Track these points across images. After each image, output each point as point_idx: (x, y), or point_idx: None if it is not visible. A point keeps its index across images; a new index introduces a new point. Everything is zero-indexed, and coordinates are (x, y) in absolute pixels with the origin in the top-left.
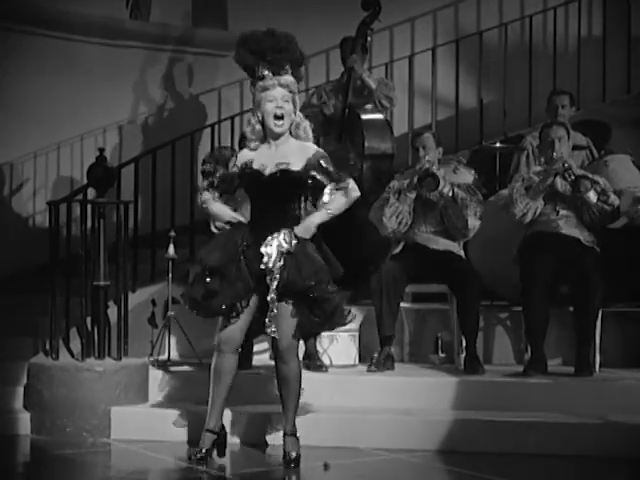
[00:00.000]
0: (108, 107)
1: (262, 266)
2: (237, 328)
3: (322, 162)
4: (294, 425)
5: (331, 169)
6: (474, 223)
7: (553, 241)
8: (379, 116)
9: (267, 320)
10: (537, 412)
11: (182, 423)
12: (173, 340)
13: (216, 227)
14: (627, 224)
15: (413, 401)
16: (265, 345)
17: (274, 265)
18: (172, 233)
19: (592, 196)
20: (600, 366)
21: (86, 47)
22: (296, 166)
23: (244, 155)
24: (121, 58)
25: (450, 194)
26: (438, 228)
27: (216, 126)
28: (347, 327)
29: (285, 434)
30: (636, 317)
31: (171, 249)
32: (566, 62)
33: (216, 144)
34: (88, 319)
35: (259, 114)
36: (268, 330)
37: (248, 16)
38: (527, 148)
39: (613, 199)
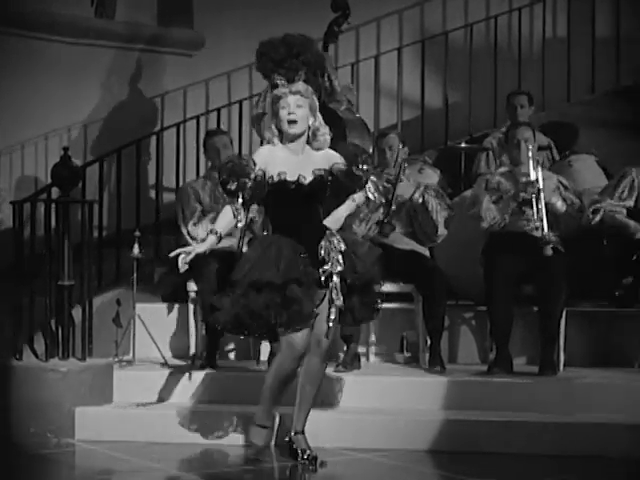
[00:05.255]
0: (73, 106)
1: (330, 270)
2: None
3: (353, 167)
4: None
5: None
6: (443, 232)
7: (517, 241)
8: (357, 116)
9: (332, 321)
10: (501, 411)
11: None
12: (138, 340)
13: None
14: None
15: (378, 400)
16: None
17: (337, 266)
18: (137, 233)
19: (560, 206)
20: (564, 365)
21: (51, 45)
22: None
23: (268, 158)
24: (86, 57)
25: (420, 200)
26: (405, 229)
27: (181, 125)
28: None
29: (297, 432)
30: (600, 317)
31: (136, 249)
32: (531, 63)
33: (181, 143)
34: (52, 319)
35: (275, 122)
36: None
37: (215, 16)
38: (488, 148)
39: (578, 204)
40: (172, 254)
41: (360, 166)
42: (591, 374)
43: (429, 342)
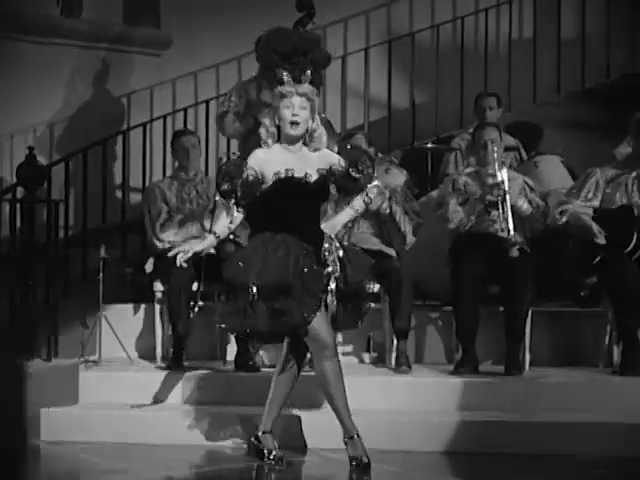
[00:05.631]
0: (39, 105)
1: (329, 273)
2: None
3: (351, 170)
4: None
5: (361, 174)
6: (412, 240)
7: (483, 241)
8: (322, 116)
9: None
10: (467, 410)
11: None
12: (104, 340)
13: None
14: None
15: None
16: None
17: (336, 271)
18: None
19: (525, 208)
20: (530, 365)
21: (17, 45)
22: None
23: (263, 159)
24: (52, 56)
25: (387, 211)
26: (372, 230)
27: (148, 125)
28: None
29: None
30: (565, 316)
31: (102, 249)
32: (497, 63)
33: (148, 143)
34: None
35: (276, 118)
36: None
37: (182, 15)
38: (456, 148)
39: (543, 207)
40: (171, 253)
41: (360, 169)
42: (556, 373)
43: (395, 342)
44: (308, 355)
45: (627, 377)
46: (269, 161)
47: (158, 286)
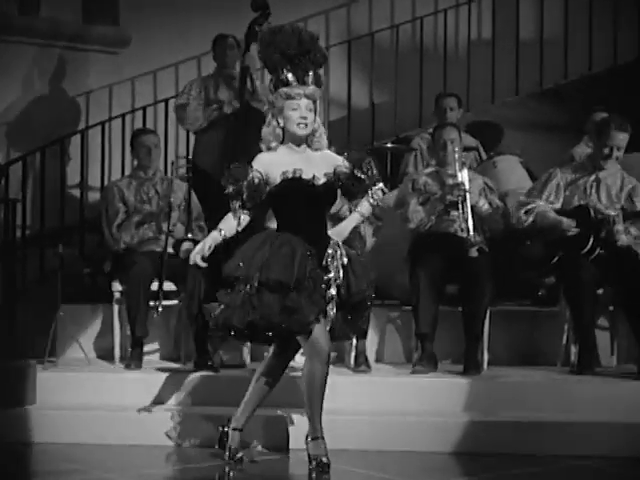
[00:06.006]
0: None
1: (331, 279)
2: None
3: (356, 170)
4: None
5: (365, 175)
6: (372, 242)
7: (443, 241)
8: None
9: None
10: (425, 410)
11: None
12: (62, 341)
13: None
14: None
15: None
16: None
17: (338, 278)
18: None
19: (485, 209)
20: (488, 364)
21: None
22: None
23: (268, 162)
24: (9, 54)
25: (347, 213)
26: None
27: (107, 124)
28: None
29: (313, 438)
30: (523, 316)
31: (60, 248)
32: (456, 64)
33: (106, 142)
34: None
35: (280, 119)
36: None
37: (141, 14)
38: (415, 149)
39: (502, 208)
40: (192, 261)
41: (364, 170)
42: (514, 373)
43: (354, 342)
44: (266, 354)
45: (584, 376)
46: (275, 163)
47: (116, 286)
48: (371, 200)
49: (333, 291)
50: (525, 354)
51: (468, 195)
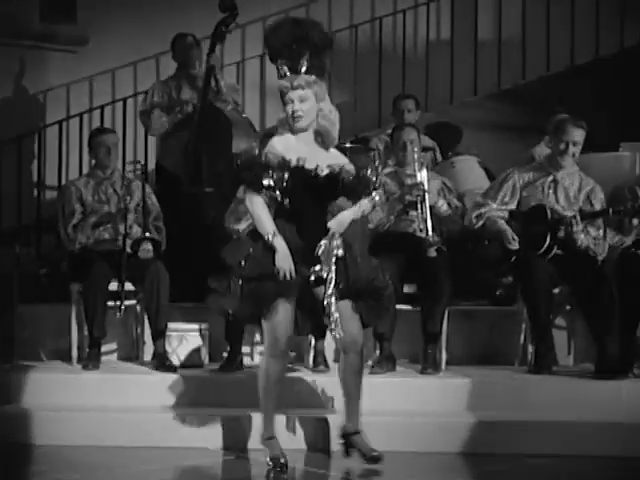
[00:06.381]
0: None
1: (320, 272)
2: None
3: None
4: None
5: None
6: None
7: (401, 241)
8: (244, 116)
9: (331, 323)
10: (384, 410)
11: None
12: (20, 341)
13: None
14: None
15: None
16: None
17: (330, 271)
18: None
19: (444, 210)
20: (446, 364)
21: None
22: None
23: (282, 145)
24: None
25: None
26: None
27: (65, 123)
28: (197, 326)
29: (357, 432)
30: (480, 315)
31: (17, 248)
32: (415, 64)
33: (64, 141)
34: None
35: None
36: (334, 333)
37: (99, 12)
38: (374, 149)
39: (461, 208)
40: (287, 277)
41: (370, 170)
42: (472, 372)
43: (313, 342)
44: (224, 354)
45: (541, 375)
46: (288, 148)
47: (74, 286)
48: (372, 201)
49: (331, 284)
50: (483, 354)
51: (427, 195)
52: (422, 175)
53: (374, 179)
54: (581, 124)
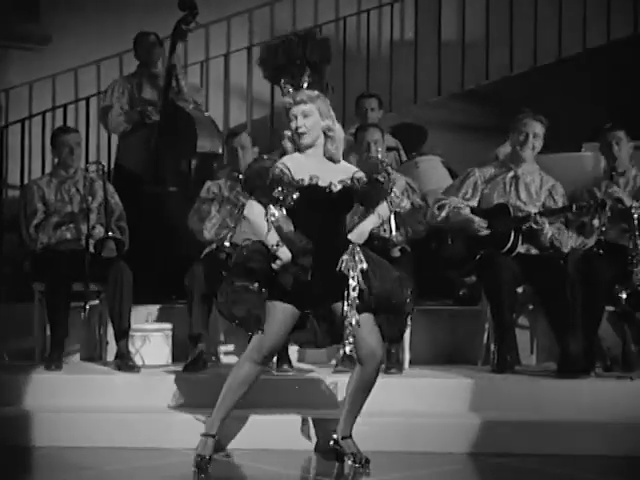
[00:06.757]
0: None
1: (353, 287)
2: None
3: (374, 176)
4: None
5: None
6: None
7: (365, 241)
8: (206, 115)
9: (347, 338)
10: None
11: None
12: None
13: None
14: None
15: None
16: None
17: (358, 284)
18: None
19: (408, 209)
20: (409, 363)
21: None
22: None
23: (290, 164)
24: None
25: None
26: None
27: (27, 121)
28: (160, 326)
29: (346, 437)
30: (444, 315)
31: None
32: (379, 64)
33: (27, 139)
34: None
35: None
36: (347, 349)
37: (62, 11)
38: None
39: (424, 208)
40: (286, 283)
41: (381, 173)
42: (435, 372)
43: None
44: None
45: (504, 374)
46: (298, 168)
47: (37, 286)
48: (389, 205)
49: (354, 294)
50: (446, 353)
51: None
52: None
53: (387, 182)
54: (540, 118)
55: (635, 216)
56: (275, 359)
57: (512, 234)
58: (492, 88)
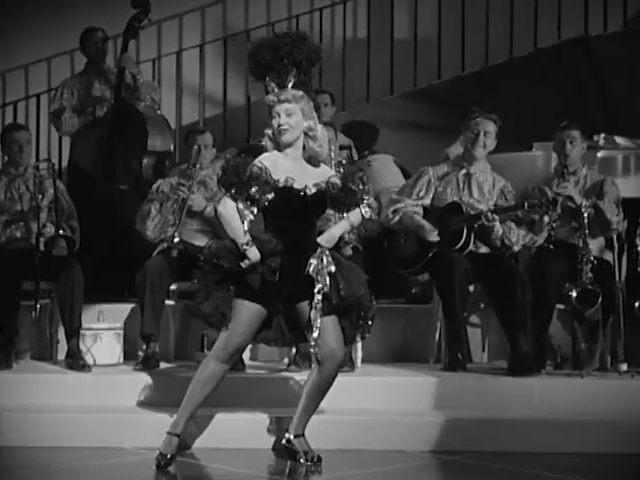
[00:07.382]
0: None
1: (318, 290)
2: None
3: (349, 183)
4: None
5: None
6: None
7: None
8: (158, 112)
9: (313, 339)
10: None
11: None
12: None
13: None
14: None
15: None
16: None
17: (324, 286)
18: None
19: (364, 213)
20: (362, 362)
21: None
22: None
23: (267, 163)
24: None
25: (212, 214)
26: (203, 227)
27: None
28: (111, 325)
29: (298, 435)
30: (396, 313)
31: None
32: (332, 63)
33: None
34: None
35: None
36: (314, 350)
37: (13, 6)
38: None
39: (377, 207)
40: (254, 283)
41: (356, 183)
42: (387, 370)
43: None
44: (140, 353)
45: (455, 372)
46: (272, 166)
47: None
48: (363, 212)
49: (318, 297)
50: (398, 351)
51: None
52: None
53: (361, 189)
54: (492, 117)
55: (585, 215)
56: None
57: (464, 232)
58: (444, 87)
